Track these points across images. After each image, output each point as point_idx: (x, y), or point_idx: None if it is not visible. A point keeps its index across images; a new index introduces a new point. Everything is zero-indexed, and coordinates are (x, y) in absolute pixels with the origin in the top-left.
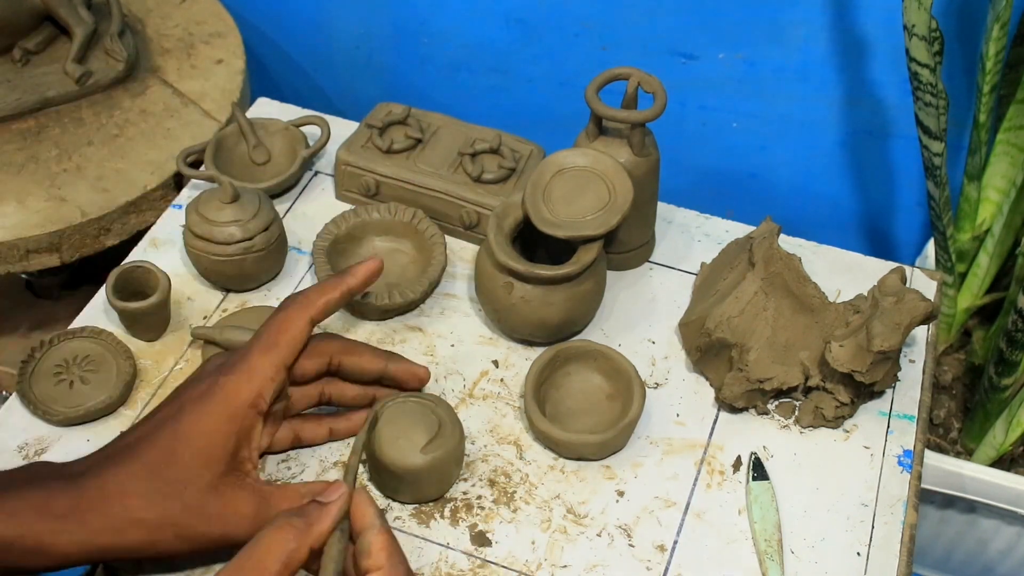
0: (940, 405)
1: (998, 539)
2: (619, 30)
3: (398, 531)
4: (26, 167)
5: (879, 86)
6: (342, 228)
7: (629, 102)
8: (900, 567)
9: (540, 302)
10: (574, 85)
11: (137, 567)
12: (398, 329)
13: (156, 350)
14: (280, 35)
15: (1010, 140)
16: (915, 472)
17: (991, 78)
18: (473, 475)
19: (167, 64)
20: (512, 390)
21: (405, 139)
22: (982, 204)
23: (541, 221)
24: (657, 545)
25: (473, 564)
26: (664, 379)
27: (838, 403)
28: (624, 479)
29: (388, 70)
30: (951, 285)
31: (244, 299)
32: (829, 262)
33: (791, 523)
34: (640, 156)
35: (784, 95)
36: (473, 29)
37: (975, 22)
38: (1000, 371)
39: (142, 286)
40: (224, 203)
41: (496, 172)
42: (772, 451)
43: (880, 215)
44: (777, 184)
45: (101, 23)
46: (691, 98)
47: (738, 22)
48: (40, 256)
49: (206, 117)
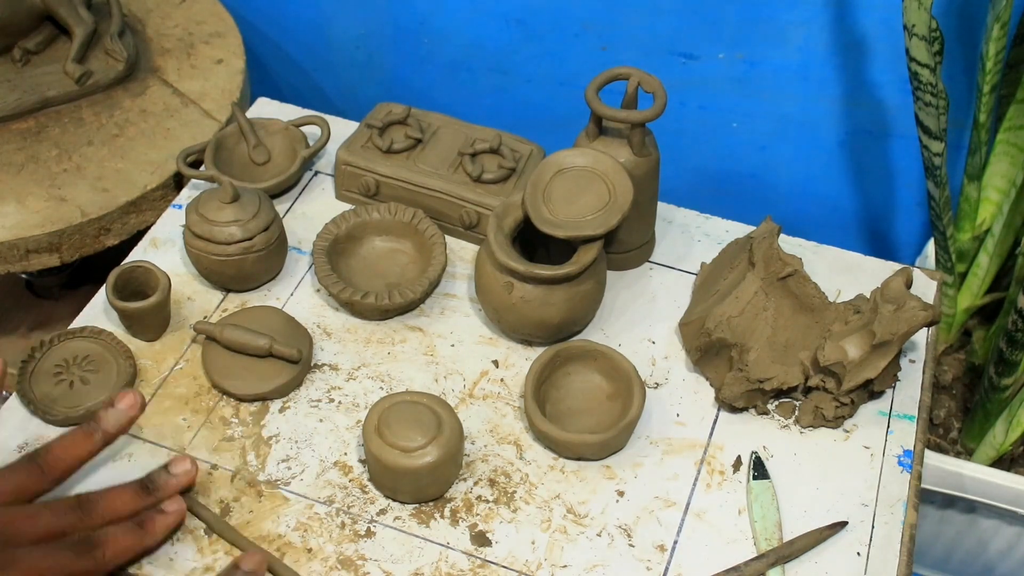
0: (940, 405)
1: (998, 539)
2: (619, 30)
3: (398, 531)
4: (26, 167)
5: (879, 86)
6: (342, 228)
7: (629, 102)
8: (900, 567)
9: (540, 302)
10: (574, 85)
11: None
12: (398, 329)
13: (156, 350)
14: (280, 35)
15: (1010, 140)
16: (915, 472)
17: (991, 78)
18: (473, 475)
19: (167, 64)
20: (512, 390)
21: (405, 139)
22: (982, 204)
23: (541, 221)
24: (657, 545)
25: (473, 564)
26: (664, 379)
27: (838, 403)
28: (624, 479)
29: (388, 70)
30: (951, 285)
31: (244, 299)
32: (829, 262)
33: (791, 523)
34: (640, 156)
35: (784, 95)
36: (473, 29)
37: (975, 22)
38: (1000, 371)
39: (142, 286)
40: (224, 203)
41: (496, 172)
42: (772, 451)
43: (880, 215)
44: (777, 184)
45: (101, 23)
46: (691, 98)
47: (738, 22)
48: (40, 256)
49: (206, 117)
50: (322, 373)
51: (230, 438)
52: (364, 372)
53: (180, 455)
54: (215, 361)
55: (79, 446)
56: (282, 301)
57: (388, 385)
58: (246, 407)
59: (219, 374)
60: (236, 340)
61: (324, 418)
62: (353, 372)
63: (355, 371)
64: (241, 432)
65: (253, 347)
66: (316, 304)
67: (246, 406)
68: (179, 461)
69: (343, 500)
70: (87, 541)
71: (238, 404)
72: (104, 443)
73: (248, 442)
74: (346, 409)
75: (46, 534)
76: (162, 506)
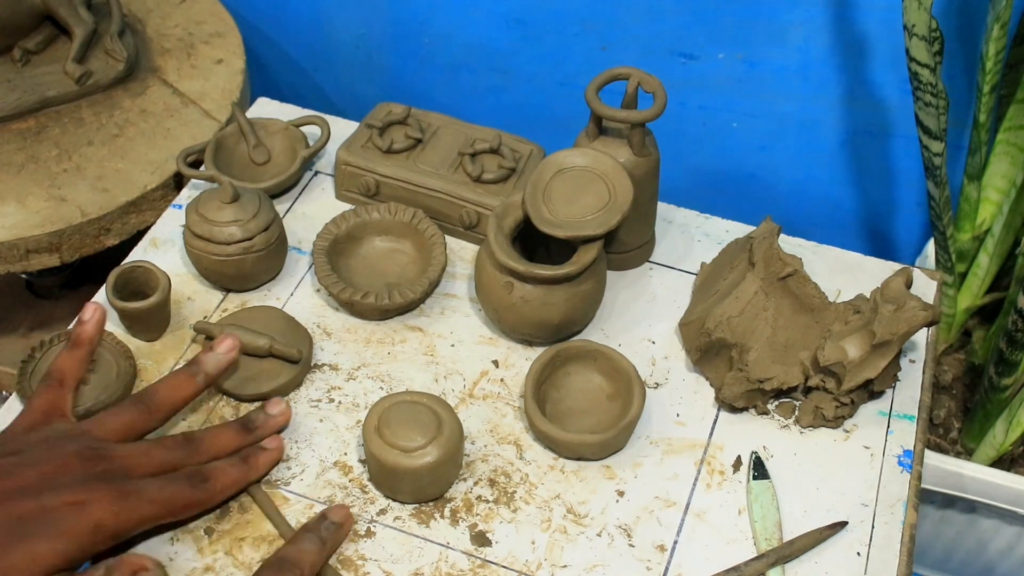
0: (940, 405)
1: (998, 539)
2: (619, 30)
3: (398, 531)
4: (26, 167)
5: (879, 86)
6: (342, 228)
7: (629, 102)
8: (900, 567)
9: (540, 302)
10: (574, 85)
11: None
12: (398, 329)
13: (156, 350)
14: (280, 35)
15: (1010, 140)
16: (915, 472)
17: (991, 78)
18: (473, 475)
19: (167, 64)
20: (512, 390)
21: (405, 139)
22: (982, 204)
23: (541, 221)
24: (657, 545)
25: (473, 564)
26: (664, 379)
27: (838, 403)
28: (624, 479)
29: (388, 70)
30: (951, 285)
31: (244, 299)
32: (829, 262)
33: (791, 523)
34: (640, 156)
35: (784, 95)
36: (473, 29)
37: (975, 22)
38: (1000, 371)
39: (142, 286)
40: (224, 203)
41: (496, 172)
42: (772, 451)
43: (880, 215)
44: (777, 184)
45: (101, 23)
46: (691, 98)
47: (738, 22)
48: (40, 256)
49: (206, 117)
50: (322, 373)
51: None
52: (364, 372)
53: (275, 398)
54: None
55: (183, 387)
56: (282, 301)
57: (388, 385)
58: (246, 407)
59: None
60: None
61: (324, 418)
62: (353, 372)
63: (355, 371)
64: None
65: (253, 347)
66: (316, 304)
67: (246, 406)
68: (276, 403)
69: (343, 500)
70: (199, 474)
71: (238, 404)
72: (206, 385)
73: None
74: (346, 409)
75: (159, 468)
76: (263, 444)
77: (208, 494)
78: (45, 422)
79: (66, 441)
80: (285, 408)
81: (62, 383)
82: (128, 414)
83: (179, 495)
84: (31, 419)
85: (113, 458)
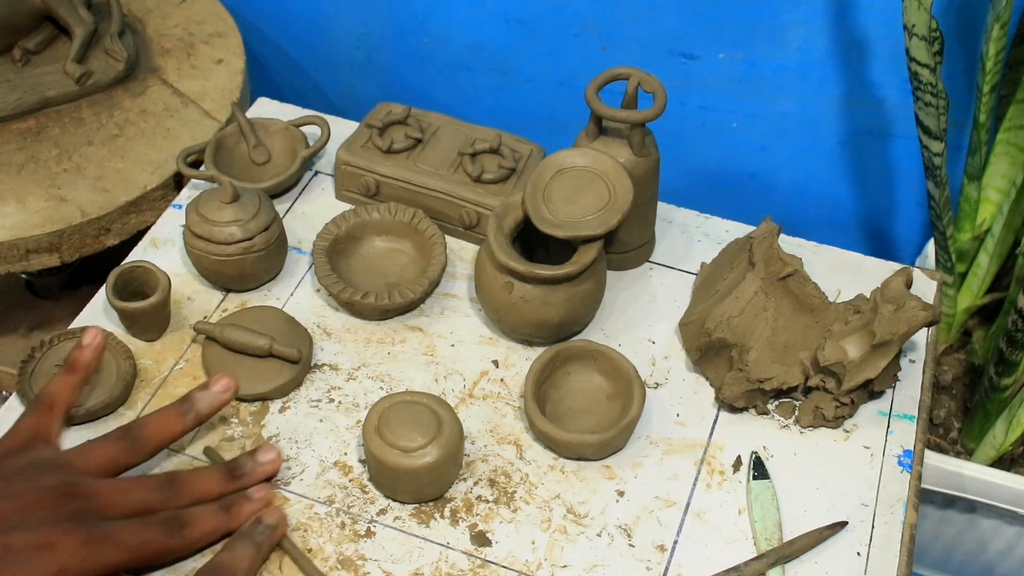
0: (940, 405)
1: (998, 539)
2: (619, 30)
3: (398, 531)
4: (26, 167)
5: (879, 86)
6: (342, 228)
7: (629, 102)
8: (900, 567)
9: (540, 302)
10: (574, 85)
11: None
12: (398, 329)
13: (156, 350)
14: (280, 35)
15: (1010, 140)
16: (915, 472)
17: (991, 78)
18: (473, 475)
19: (167, 64)
20: (512, 390)
21: (405, 139)
22: (982, 204)
23: (541, 221)
24: (657, 545)
25: (473, 564)
26: (664, 379)
27: (838, 403)
28: (624, 479)
29: (388, 70)
30: (951, 285)
31: (244, 299)
32: (829, 262)
33: (791, 523)
34: (640, 156)
35: (784, 95)
36: (473, 29)
37: (975, 22)
38: (1000, 371)
39: (142, 286)
40: (224, 203)
41: (496, 172)
42: (772, 451)
43: (880, 215)
44: (777, 184)
45: (101, 23)
46: (691, 98)
47: (738, 22)
48: (40, 256)
49: (206, 117)
50: (322, 373)
51: (230, 438)
52: (364, 372)
53: (267, 444)
54: (215, 361)
55: (172, 424)
56: (282, 301)
57: (388, 385)
58: (246, 407)
59: (219, 374)
60: (236, 340)
61: (324, 418)
62: (353, 372)
63: (355, 371)
64: (241, 432)
65: (253, 347)
66: (316, 304)
67: (246, 406)
68: (266, 450)
69: (343, 500)
70: (176, 519)
71: (238, 404)
72: (196, 423)
73: (248, 442)
74: (346, 409)
75: (137, 508)
76: (249, 492)
77: (184, 542)
78: (29, 446)
79: (45, 472)
80: (275, 457)
81: (51, 408)
82: (113, 448)
83: (152, 542)
84: (15, 442)
85: (90, 495)
